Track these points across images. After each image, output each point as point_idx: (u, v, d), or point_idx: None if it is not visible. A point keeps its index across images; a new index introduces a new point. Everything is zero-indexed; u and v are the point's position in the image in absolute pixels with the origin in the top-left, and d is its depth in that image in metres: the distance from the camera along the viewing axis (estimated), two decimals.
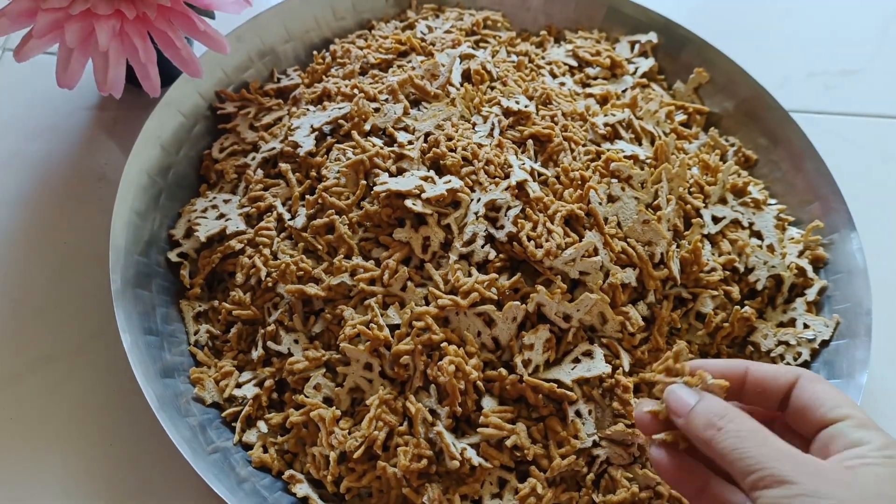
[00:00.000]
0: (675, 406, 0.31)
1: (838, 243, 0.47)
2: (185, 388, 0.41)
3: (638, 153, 0.46)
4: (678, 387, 0.31)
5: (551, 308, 0.40)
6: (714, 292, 0.44)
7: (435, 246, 0.41)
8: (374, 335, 0.38)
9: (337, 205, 0.42)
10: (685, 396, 0.30)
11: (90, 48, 0.41)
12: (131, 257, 0.43)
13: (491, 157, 0.43)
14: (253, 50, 0.52)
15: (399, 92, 0.46)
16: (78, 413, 0.43)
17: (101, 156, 0.53)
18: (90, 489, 0.40)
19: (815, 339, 0.44)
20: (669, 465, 0.31)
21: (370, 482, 0.37)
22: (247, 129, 0.49)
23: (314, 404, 0.39)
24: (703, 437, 0.29)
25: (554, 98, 0.48)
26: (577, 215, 0.42)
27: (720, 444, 0.28)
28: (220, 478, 0.36)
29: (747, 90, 0.53)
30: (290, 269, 0.41)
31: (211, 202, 0.46)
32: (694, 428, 0.29)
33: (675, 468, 0.31)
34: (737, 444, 0.28)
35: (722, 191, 0.48)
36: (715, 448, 0.28)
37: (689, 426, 0.30)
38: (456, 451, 0.36)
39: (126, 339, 0.39)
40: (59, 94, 0.54)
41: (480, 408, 0.39)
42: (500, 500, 0.37)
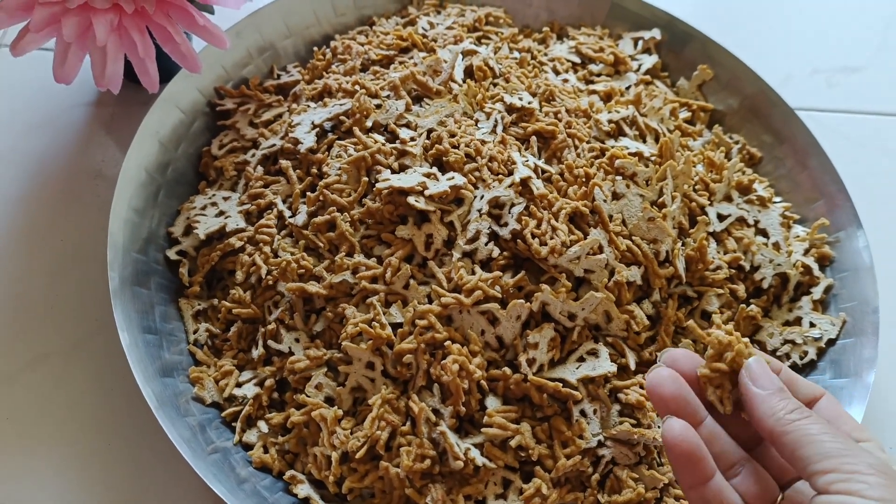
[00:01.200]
0: (761, 378, 0.29)
1: (844, 241, 0.47)
2: (184, 387, 0.40)
3: (642, 150, 0.46)
4: (757, 362, 0.29)
5: (556, 307, 0.39)
6: (720, 291, 0.44)
7: (438, 243, 0.40)
8: (376, 334, 0.38)
9: (338, 202, 0.42)
10: (773, 378, 0.29)
11: (88, 43, 0.41)
12: (129, 255, 0.42)
13: (494, 154, 0.42)
14: (252, 46, 0.51)
15: (401, 88, 0.46)
16: (75, 412, 0.42)
17: (99, 152, 0.52)
18: (88, 490, 0.40)
19: (821, 337, 0.43)
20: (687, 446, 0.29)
21: (373, 483, 0.37)
22: (246, 126, 0.49)
23: (315, 404, 0.38)
24: (788, 416, 0.27)
25: (557, 95, 0.48)
26: (582, 212, 0.41)
27: (807, 427, 0.26)
28: (220, 478, 0.36)
29: (751, 87, 0.53)
30: (291, 267, 0.41)
31: (210, 199, 0.46)
32: (776, 407, 0.28)
33: (691, 449, 0.29)
34: (826, 429, 0.26)
35: (727, 188, 0.47)
36: (800, 429, 0.27)
37: (770, 401, 0.28)
38: (460, 452, 0.36)
39: (124, 338, 0.38)
40: (56, 90, 0.54)
41: (484, 407, 0.38)
42: (504, 500, 0.37)
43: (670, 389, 0.30)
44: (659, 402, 0.30)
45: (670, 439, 0.29)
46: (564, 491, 0.37)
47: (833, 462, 0.25)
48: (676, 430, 0.29)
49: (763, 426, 0.28)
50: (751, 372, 0.29)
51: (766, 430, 0.28)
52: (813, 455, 0.26)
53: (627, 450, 0.38)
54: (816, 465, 0.26)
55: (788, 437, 0.27)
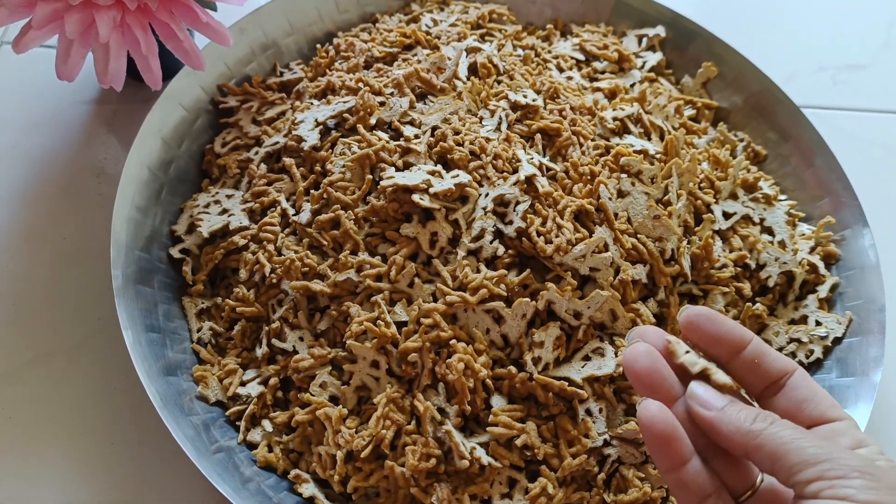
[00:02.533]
0: (708, 400, 0.28)
1: (850, 239, 0.46)
2: (188, 386, 0.40)
3: (647, 148, 0.45)
4: (698, 385, 0.29)
5: (561, 305, 0.39)
6: (725, 289, 0.43)
7: (443, 241, 0.40)
8: (380, 332, 0.38)
9: (342, 200, 0.42)
10: (714, 396, 0.28)
11: (90, 40, 0.41)
12: (132, 253, 0.42)
13: (499, 152, 0.42)
14: (255, 43, 0.51)
15: (405, 85, 0.46)
16: (78, 411, 0.42)
17: (101, 150, 0.52)
18: (91, 489, 0.40)
19: (827, 336, 0.43)
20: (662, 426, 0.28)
21: (378, 482, 0.37)
22: (249, 124, 0.48)
23: (320, 403, 0.38)
24: (752, 428, 0.27)
25: (562, 92, 0.48)
26: (587, 210, 0.41)
27: (777, 434, 0.26)
28: (225, 477, 0.35)
29: (756, 84, 0.53)
30: (295, 265, 0.40)
31: (213, 197, 0.45)
32: (737, 419, 0.27)
33: (666, 430, 0.28)
34: (797, 434, 0.26)
35: (732, 186, 0.47)
36: (769, 438, 0.26)
37: (726, 416, 0.27)
38: (465, 451, 0.36)
39: (128, 336, 0.38)
40: (58, 88, 0.54)
41: (490, 406, 0.38)
42: (510, 499, 0.37)
43: (644, 364, 0.29)
44: (634, 379, 0.29)
45: (646, 420, 0.28)
46: (570, 490, 0.37)
47: (816, 469, 0.25)
48: (652, 410, 0.28)
49: (733, 445, 0.27)
50: (696, 398, 0.28)
51: (738, 448, 0.27)
52: (793, 465, 0.25)
53: (633, 449, 0.38)
54: (799, 475, 0.25)
55: (763, 450, 0.26)
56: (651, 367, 0.29)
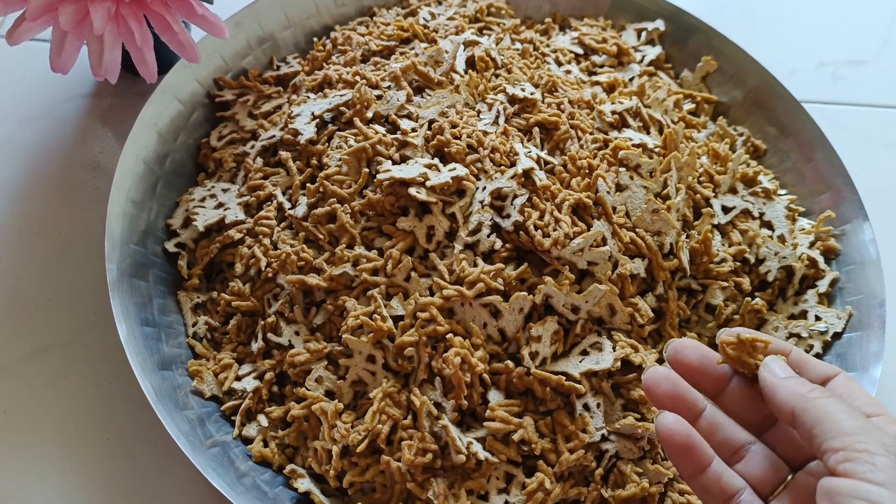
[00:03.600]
0: (777, 370, 0.29)
1: (850, 234, 0.46)
2: (183, 380, 0.40)
3: (646, 142, 0.45)
4: (773, 358, 0.30)
5: (559, 300, 0.39)
6: (724, 284, 0.43)
7: (439, 235, 0.40)
8: (377, 326, 0.37)
9: (339, 193, 0.41)
10: (781, 370, 0.29)
11: (84, 32, 0.40)
12: (128, 247, 0.42)
13: (496, 145, 0.42)
14: (252, 36, 0.51)
15: (402, 79, 0.45)
16: (73, 406, 0.42)
17: (96, 144, 0.51)
18: (86, 484, 0.39)
19: (827, 331, 0.43)
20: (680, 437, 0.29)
21: (374, 477, 0.36)
22: (245, 117, 0.48)
23: (316, 397, 0.38)
24: (810, 395, 0.27)
25: (560, 85, 0.47)
26: (585, 204, 0.41)
27: (829, 405, 0.26)
28: (220, 472, 0.35)
29: (756, 79, 0.52)
30: (291, 259, 0.40)
31: (209, 191, 0.45)
32: (798, 386, 0.28)
33: (684, 440, 0.29)
34: (847, 406, 0.26)
35: (732, 180, 0.47)
36: (821, 406, 0.26)
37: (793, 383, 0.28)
38: (462, 446, 0.35)
39: (122, 330, 0.38)
40: (53, 81, 0.53)
41: (486, 401, 0.38)
42: (506, 494, 0.36)
43: (665, 388, 0.31)
44: (656, 401, 0.31)
45: (663, 431, 0.29)
46: (568, 485, 0.37)
47: (845, 440, 0.25)
48: (669, 421, 0.29)
49: (784, 408, 0.28)
50: (768, 368, 0.29)
51: (787, 412, 0.28)
52: (827, 431, 0.25)
53: (631, 444, 0.37)
54: (829, 442, 0.25)
55: (807, 414, 0.26)
56: (672, 391, 0.30)
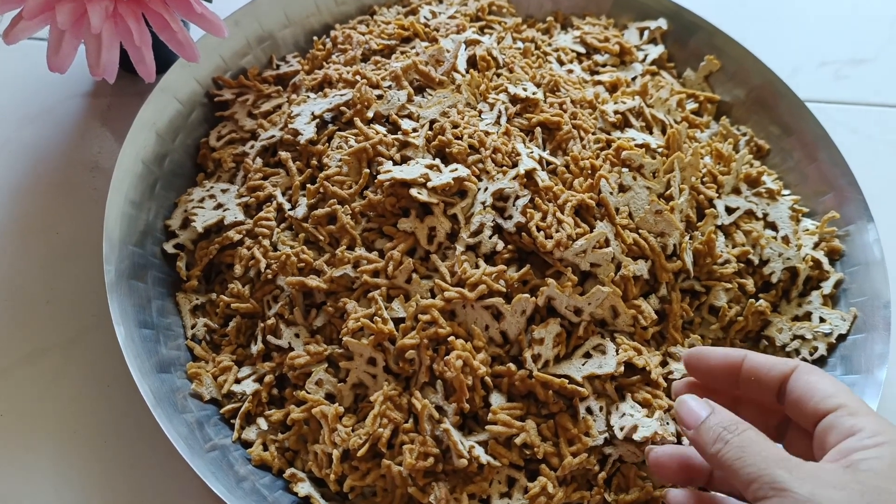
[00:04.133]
0: (686, 418, 0.30)
1: (854, 235, 0.46)
2: (181, 383, 0.39)
3: (649, 142, 0.45)
4: (690, 397, 0.31)
5: (562, 301, 0.38)
6: (728, 285, 0.43)
7: (441, 236, 0.39)
8: (377, 329, 0.37)
9: (339, 194, 0.41)
10: (696, 408, 0.30)
11: (82, 30, 0.40)
12: (126, 248, 0.41)
13: (498, 145, 0.41)
14: (251, 35, 0.50)
15: (402, 78, 0.45)
16: (72, 408, 0.41)
17: (95, 144, 0.51)
18: (83, 488, 0.39)
19: (831, 333, 0.43)
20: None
21: (374, 481, 0.36)
22: (245, 117, 0.48)
23: (316, 400, 0.37)
24: (711, 451, 0.28)
25: (562, 85, 0.47)
26: (588, 205, 0.40)
27: (725, 456, 0.28)
28: (219, 476, 0.35)
29: (759, 78, 0.52)
30: (291, 261, 0.40)
31: (208, 192, 0.45)
32: (703, 442, 0.29)
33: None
34: (739, 454, 0.27)
35: (735, 181, 0.46)
36: (722, 461, 0.28)
37: (699, 439, 0.29)
38: (464, 449, 0.35)
39: (120, 332, 0.37)
40: (51, 81, 0.53)
41: (488, 404, 0.37)
42: (509, 499, 0.36)
43: (673, 466, 0.32)
44: (665, 477, 0.33)
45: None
46: (570, 489, 0.36)
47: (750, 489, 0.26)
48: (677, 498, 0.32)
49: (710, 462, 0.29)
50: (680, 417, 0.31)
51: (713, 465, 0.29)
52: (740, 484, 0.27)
53: (634, 448, 0.37)
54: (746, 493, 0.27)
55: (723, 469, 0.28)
56: (679, 463, 0.32)
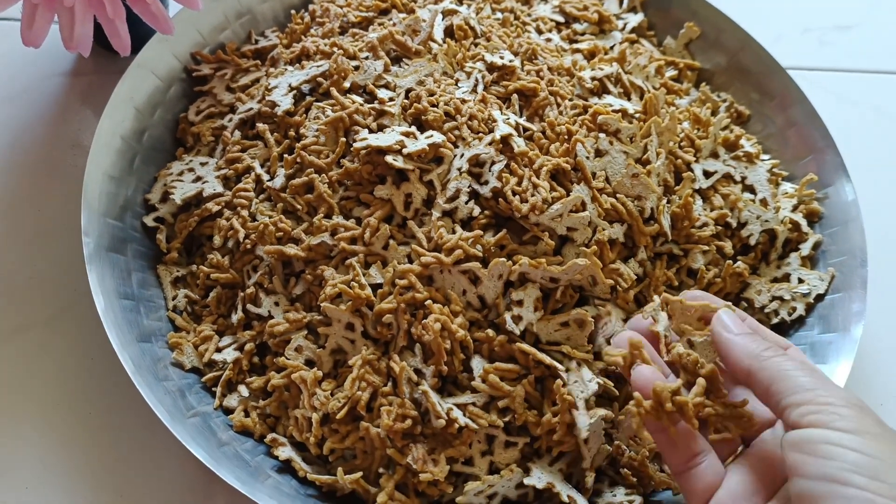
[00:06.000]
0: (728, 322, 0.30)
1: (833, 196, 0.46)
2: (163, 353, 0.40)
3: (626, 107, 0.45)
4: (726, 312, 0.30)
5: (536, 275, 0.38)
6: (706, 248, 0.43)
7: (417, 203, 0.40)
8: (355, 294, 0.37)
9: (316, 163, 0.41)
10: (733, 325, 0.30)
11: (55, 4, 0.40)
12: (105, 222, 0.41)
13: (474, 112, 0.41)
14: (230, 10, 0.50)
15: (379, 48, 0.45)
16: (56, 382, 0.42)
17: (75, 122, 0.51)
18: (69, 459, 0.39)
19: (809, 293, 0.43)
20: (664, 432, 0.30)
21: (354, 443, 0.36)
22: (223, 91, 0.48)
23: (295, 366, 0.38)
24: (756, 352, 0.28)
25: (540, 53, 0.47)
26: (564, 169, 0.40)
27: (779, 362, 0.27)
28: (200, 442, 0.35)
29: (739, 44, 0.52)
30: (269, 230, 0.40)
31: (187, 165, 0.45)
32: (747, 344, 0.28)
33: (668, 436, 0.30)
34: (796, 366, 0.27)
35: (713, 145, 0.46)
36: (770, 363, 0.27)
37: (744, 342, 0.29)
38: (442, 410, 0.35)
39: (100, 303, 0.38)
40: (30, 60, 0.53)
41: (468, 369, 0.38)
42: (491, 455, 0.36)
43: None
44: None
45: (640, 383, 0.30)
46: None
47: (807, 395, 0.25)
48: (645, 373, 0.30)
49: (739, 367, 0.28)
50: (721, 322, 0.30)
51: (742, 370, 0.28)
52: (787, 388, 0.26)
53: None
54: (790, 397, 0.26)
55: (763, 373, 0.27)
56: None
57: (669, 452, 0.29)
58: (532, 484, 0.35)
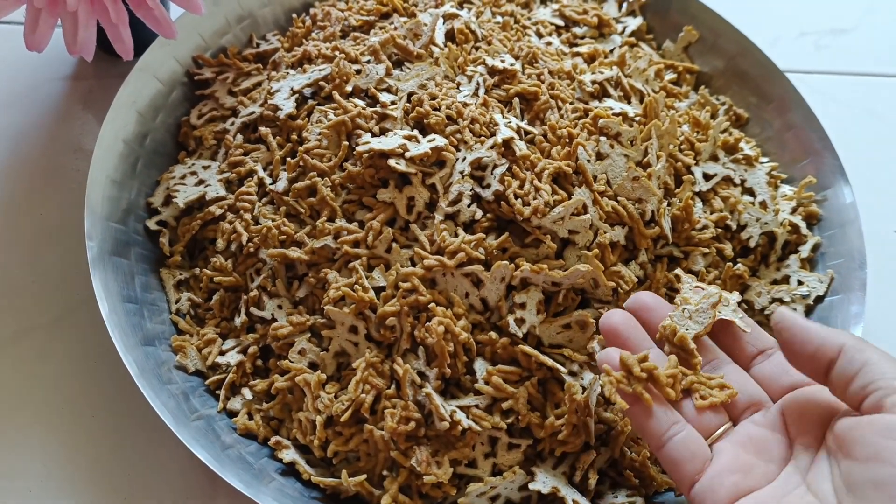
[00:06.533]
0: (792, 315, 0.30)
1: (832, 199, 0.46)
2: (167, 356, 0.40)
3: (627, 110, 0.45)
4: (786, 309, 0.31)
5: (538, 280, 0.39)
6: (706, 250, 0.43)
7: (420, 206, 0.40)
8: (358, 297, 0.37)
9: (319, 167, 0.41)
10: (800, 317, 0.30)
11: (58, 8, 0.40)
12: (108, 226, 0.42)
13: (476, 116, 0.42)
14: (231, 14, 0.51)
15: (381, 52, 0.45)
16: (59, 385, 0.42)
17: (77, 126, 0.51)
18: (73, 463, 0.39)
19: (809, 295, 0.43)
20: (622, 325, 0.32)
21: (357, 446, 0.37)
22: (225, 95, 0.48)
23: (299, 369, 0.38)
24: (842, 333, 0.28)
25: (540, 57, 0.47)
26: (566, 172, 0.41)
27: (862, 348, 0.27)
28: (204, 444, 0.35)
29: (737, 48, 0.52)
30: (272, 234, 0.40)
31: (190, 169, 0.45)
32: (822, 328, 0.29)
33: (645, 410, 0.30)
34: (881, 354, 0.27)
35: (713, 148, 0.47)
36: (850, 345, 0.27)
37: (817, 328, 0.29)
38: (445, 413, 0.36)
39: (104, 307, 0.38)
40: (32, 65, 0.53)
41: (471, 371, 0.38)
42: (494, 457, 0.37)
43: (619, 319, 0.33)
44: (610, 334, 0.33)
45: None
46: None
47: None
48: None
49: (829, 346, 0.28)
50: (783, 317, 0.30)
51: (832, 349, 0.28)
52: (881, 373, 0.26)
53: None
54: (879, 381, 0.26)
55: (859, 353, 0.27)
56: (626, 321, 0.32)
57: (645, 426, 0.30)
58: (537, 489, 0.35)
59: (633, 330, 0.32)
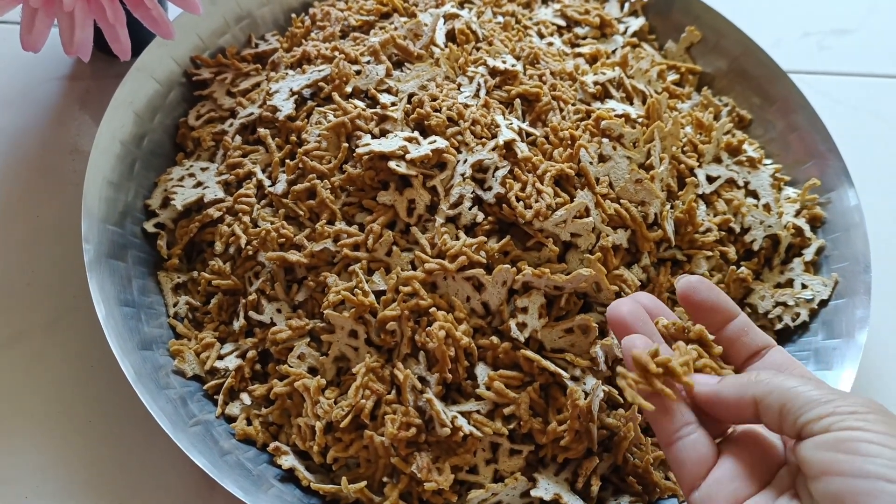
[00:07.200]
0: (703, 379, 0.30)
1: (836, 201, 0.46)
2: (164, 360, 0.39)
3: (629, 112, 0.45)
4: (698, 375, 0.30)
5: (540, 284, 0.38)
6: (709, 253, 0.43)
7: (420, 209, 0.39)
8: (358, 301, 0.37)
9: (318, 169, 0.41)
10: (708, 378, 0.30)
11: (55, 8, 0.39)
12: (105, 228, 0.41)
13: (477, 117, 0.41)
14: (229, 14, 0.50)
15: (381, 53, 0.45)
16: (55, 389, 0.41)
17: (73, 127, 0.51)
18: (69, 468, 0.39)
19: (813, 299, 0.43)
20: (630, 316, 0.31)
21: (357, 452, 0.36)
22: (224, 96, 0.47)
23: (298, 374, 0.37)
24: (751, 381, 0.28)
25: (542, 57, 0.47)
26: (568, 175, 0.40)
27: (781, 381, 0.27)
28: (202, 450, 0.35)
29: (740, 48, 0.52)
30: (271, 236, 0.40)
31: (188, 170, 0.45)
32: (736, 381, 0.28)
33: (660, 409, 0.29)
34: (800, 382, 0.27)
35: (716, 150, 0.46)
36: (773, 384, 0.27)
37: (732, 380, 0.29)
38: (446, 418, 0.35)
39: (100, 310, 0.37)
40: (29, 65, 0.53)
41: (472, 376, 0.37)
42: (495, 463, 0.36)
43: (628, 308, 0.32)
44: (617, 324, 0.32)
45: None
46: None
47: (826, 407, 0.25)
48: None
49: (743, 401, 0.28)
50: (699, 382, 0.30)
51: (746, 403, 0.28)
52: (802, 405, 0.26)
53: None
54: (809, 413, 0.25)
55: (771, 396, 0.27)
56: (634, 312, 0.32)
57: (660, 421, 0.29)
58: (539, 496, 0.35)
59: (642, 322, 0.32)
